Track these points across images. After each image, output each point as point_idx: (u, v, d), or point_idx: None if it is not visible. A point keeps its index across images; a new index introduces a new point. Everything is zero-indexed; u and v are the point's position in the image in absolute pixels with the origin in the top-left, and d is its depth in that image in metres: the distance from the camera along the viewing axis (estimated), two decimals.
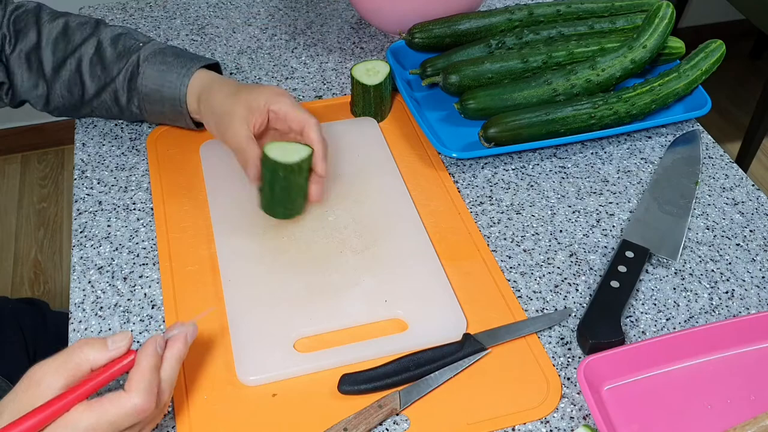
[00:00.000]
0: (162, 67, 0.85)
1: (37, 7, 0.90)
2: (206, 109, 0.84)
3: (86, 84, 0.88)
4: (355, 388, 0.67)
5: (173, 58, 0.86)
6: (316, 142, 0.78)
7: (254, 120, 0.80)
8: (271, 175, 0.76)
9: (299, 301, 0.74)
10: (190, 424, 0.65)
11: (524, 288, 0.78)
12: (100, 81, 0.87)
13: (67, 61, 0.87)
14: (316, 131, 0.79)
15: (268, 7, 1.19)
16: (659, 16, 0.96)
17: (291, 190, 0.77)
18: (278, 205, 0.78)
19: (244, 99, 0.80)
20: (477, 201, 0.87)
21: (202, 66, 0.87)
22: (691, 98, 0.98)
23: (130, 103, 0.88)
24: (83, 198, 0.87)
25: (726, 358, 0.72)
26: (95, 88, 0.88)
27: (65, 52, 0.88)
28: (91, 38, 0.88)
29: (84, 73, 0.87)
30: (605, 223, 0.85)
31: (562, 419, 0.67)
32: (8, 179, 2.29)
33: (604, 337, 0.71)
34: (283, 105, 0.80)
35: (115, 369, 0.57)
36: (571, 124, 0.91)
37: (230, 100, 0.81)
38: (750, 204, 0.88)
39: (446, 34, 1.01)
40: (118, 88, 0.87)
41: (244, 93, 0.81)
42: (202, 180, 0.87)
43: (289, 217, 0.80)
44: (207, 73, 0.86)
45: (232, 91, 0.82)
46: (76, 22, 0.89)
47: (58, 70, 0.88)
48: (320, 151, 0.78)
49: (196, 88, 0.85)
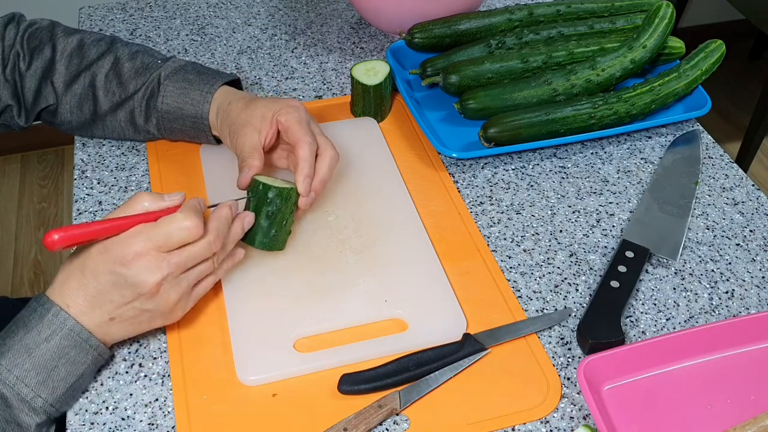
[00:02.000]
0: (184, 85, 0.85)
1: (50, 25, 0.90)
2: (223, 120, 0.83)
3: (99, 100, 0.87)
4: (355, 388, 0.67)
5: (195, 76, 0.86)
6: (302, 160, 0.76)
7: (265, 130, 0.79)
8: (258, 199, 0.73)
9: (299, 301, 0.74)
10: (190, 424, 0.65)
11: (524, 288, 0.78)
12: (114, 97, 0.86)
13: (81, 76, 0.87)
14: (305, 149, 0.76)
15: (268, 7, 1.19)
16: (659, 16, 0.96)
17: (276, 216, 0.73)
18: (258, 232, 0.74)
19: (259, 110, 0.80)
20: (477, 201, 0.87)
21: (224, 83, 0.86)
22: (691, 98, 0.98)
23: (147, 122, 0.87)
24: (83, 198, 0.87)
25: (726, 358, 0.72)
26: (109, 105, 0.87)
27: (79, 67, 0.87)
28: (107, 54, 0.87)
29: (98, 89, 0.86)
30: (605, 223, 0.85)
31: (562, 419, 0.67)
32: (8, 179, 2.29)
33: (604, 337, 0.71)
34: (289, 117, 0.78)
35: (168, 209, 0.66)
36: (571, 124, 0.91)
37: (245, 112, 0.81)
38: (750, 204, 0.88)
39: (446, 34, 1.01)
40: (136, 107, 0.86)
41: (259, 104, 0.81)
42: (202, 180, 0.87)
43: (268, 248, 0.75)
44: (227, 89, 0.86)
45: (248, 102, 0.82)
46: (92, 39, 0.89)
47: (71, 84, 0.87)
48: (304, 170, 0.75)
49: (215, 103, 0.84)
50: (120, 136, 0.91)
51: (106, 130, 0.90)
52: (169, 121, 0.86)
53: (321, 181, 0.77)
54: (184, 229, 0.64)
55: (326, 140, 0.79)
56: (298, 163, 0.76)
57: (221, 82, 0.85)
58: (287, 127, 0.78)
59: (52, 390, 0.64)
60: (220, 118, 0.84)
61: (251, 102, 0.81)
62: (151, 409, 0.67)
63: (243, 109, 0.81)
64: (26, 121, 0.90)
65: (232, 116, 0.82)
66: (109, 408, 0.67)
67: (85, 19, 1.16)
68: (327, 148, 0.78)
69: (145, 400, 0.68)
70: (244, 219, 0.72)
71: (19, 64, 0.87)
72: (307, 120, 0.79)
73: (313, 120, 0.81)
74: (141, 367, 0.70)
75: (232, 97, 0.84)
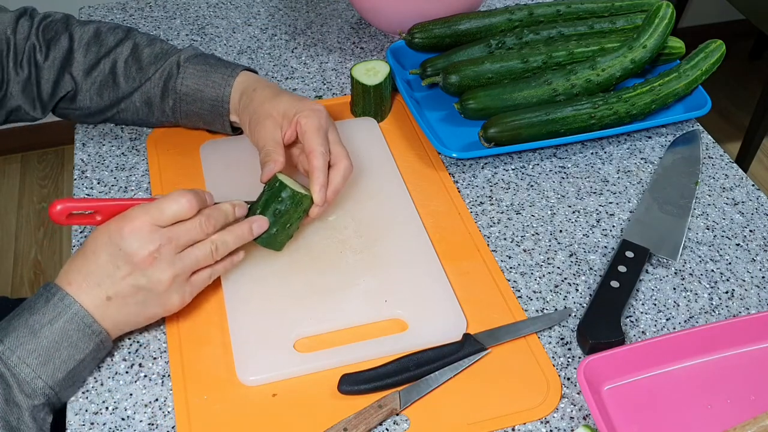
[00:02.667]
0: (205, 68, 0.86)
1: (65, 17, 0.90)
2: (246, 106, 0.84)
3: (120, 85, 0.87)
4: (355, 388, 0.67)
5: (215, 61, 0.87)
6: (316, 169, 0.76)
7: (285, 128, 0.79)
8: (270, 194, 0.74)
9: (299, 301, 0.74)
10: (190, 424, 0.65)
11: (524, 288, 0.78)
12: (134, 82, 0.87)
13: (101, 62, 0.87)
14: (319, 159, 0.76)
15: (268, 7, 1.19)
16: (659, 16, 0.96)
17: (281, 216, 0.74)
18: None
19: (282, 105, 0.80)
20: (477, 201, 0.87)
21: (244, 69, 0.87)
22: (691, 98, 0.98)
23: (164, 103, 0.88)
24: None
25: (726, 358, 0.72)
26: (129, 89, 0.87)
27: (98, 54, 0.87)
28: (126, 41, 0.88)
29: (119, 75, 0.87)
30: (605, 223, 0.85)
31: (562, 419, 0.67)
32: (8, 179, 2.29)
33: (604, 337, 0.71)
34: (309, 122, 0.78)
35: None
36: (571, 124, 0.91)
37: (269, 103, 0.81)
38: (750, 204, 0.88)
39: (446, 34, 1.01)
40: (152, 88, 0.87)
41: (284, 99, 0.81)
42: (202, 180, 0.87)
43: (265, 245, 0.75)
44: (251, 74, 0.87)
45: (274, 93, 0.82)
46: (107, 27, 0.89)
47: (90, 72, 0.87)
48: (319, 179, 0.75)
49: (241, 86, 0.85)
50: (134, 119, 0.91)
51: (121, 114, 0.90)
52: (187, 103, 0.87)
53: (334, 191, 0.78)
54: (177, 204, 0.67)
55: (342, 150, 0.79)
56: (313, 173, 0.76)
57: (242, 68, 0.87)
58: (304, 131, 0.78)
59: (53, 372, 0.64)
60: (243, 103, 0.84)
61: (277, 95, 0.82)
62: (151, 409, 0.67)
63: (268, 99, 0.82)
64: (43, 112, 0.90)
65: (255, 104, 0.82)
66: (109, 408, 0.67)
67: (85, 19, 1.15)
68: (342, 159, 0.79)
69: (145, 400, 0.68)
70: (254, 222, 0.73)
71: (36, 56, 0.87)
72: (325, 127, 0.79)
73: (332, 126, 0.81)
74: (141, 367, 0.70)
75: (258, 84, 0.84)
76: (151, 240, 0.66)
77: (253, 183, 0.78)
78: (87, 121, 0.94)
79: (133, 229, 0.66)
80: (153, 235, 0.66)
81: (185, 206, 0.67)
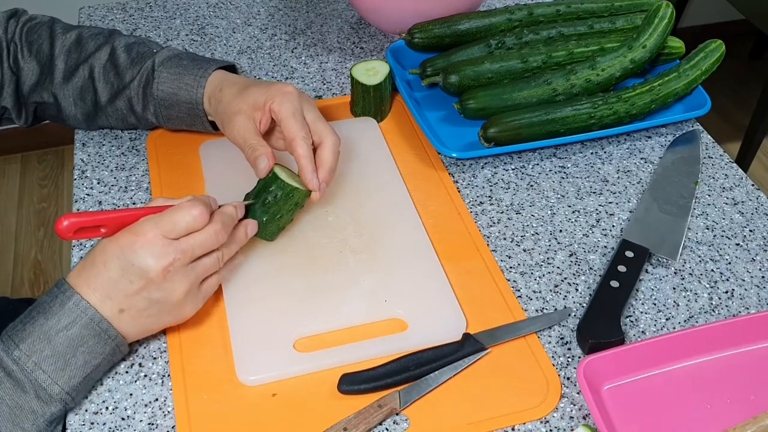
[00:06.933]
0: (178, 70, 0.84)
1: (50, 21, 0.90)
2: (216, 107, 0.82)
3: (98, 90, 0.87)
4: (355, 387, 0.67)
5: (189, 62, 0.85)
6: (301, 158, 0.75)
7: (258, 117, 0.78)
8: (263, 185, 0.74)
9: (299, 301, 0.74)
10: (190, 424, 0.65)
11: (524, 288, 0.78)
12: (113, 87, 0.86)
13: (80, 68, 0.87)
14: (302, 146, 0.75)
15: (268, 7, 1.19)
16: (659, 16, 0.96)
17: (271, 207, 0.74)
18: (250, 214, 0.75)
19: (251, 97, 0.78)
20: (477, 201, 0.87)
21: (218, 68, 0.85)
22: (691, 98, 0.98)
23: (145, 110, 0.87)
24: (83, 198, 0.87)
25: (726, 358, 0.72)
26: (108, 95, 0.87)
27: (78, 60, 0.87)
28: (104, 46, 0.87)
29: (97, 80, 0.86)
30: (605, 223, 0.85)
31: (561, 419, 0.67)
32: (8, 179, 2.29)
33: (604, 337, 0.71)
34: (282, 108, 0.76)
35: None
36: (571, 124, 0.91)
37: (237, 99, 0.79)
38: (750, 204, 0.88)
39: (446, 34, 1.01)
40: (133, 96, 0.86)
41: (251, 91, 0.79)
42: (202, 180, 0.87)
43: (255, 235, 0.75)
44: (221, 73, 0.85)
45: (241, 88, 0.81)
46: (90, 33, 0.89)
47: (70, 77, 0.87)
48: (307, 167, 0.75)
49: (209, 87, 0.83)
50: (124, 123, 0.91)
51: (110, 119, 0.90)
52: (166, 108, 0.86)
53: (328, 170, 0.76)
54: (190, 216, 0.66)
55: (324, 126, 0.77)
56: (299, 162, 0.75)
57: (215, 66, 0.85)
58: (280, 119, 0.77)
59: (69, 378, 0.64)
60: (213, 106, 0.83)
61: (244, 89, 0.80)
62: (151, 409, 0.67)
63: (235, 96, 0.80)
64: (25, 121, 0.90)
65: (223, 104, 0.81)
66: (109, 408, 0.67)
67: (85, 19, 1.16)
68: (327, 135, 0.77)
69: (145, 400, 0.68)
70: (247, 225, 0.73)
71: (18, 57, 0.87)
72: (300, 109, 0.77)
73: (308, 103, 0.79)
74: (141, 367, 0.70)
75: (224, 83, 0.82)
76: (165, 254, 0.65)
77: (253, 183, 0.78)
78: (83, 128, 0.94)
79: (145, 244, 0.64)
80: (167, 248, 0.65)
81: (198, 219, 0.66)
